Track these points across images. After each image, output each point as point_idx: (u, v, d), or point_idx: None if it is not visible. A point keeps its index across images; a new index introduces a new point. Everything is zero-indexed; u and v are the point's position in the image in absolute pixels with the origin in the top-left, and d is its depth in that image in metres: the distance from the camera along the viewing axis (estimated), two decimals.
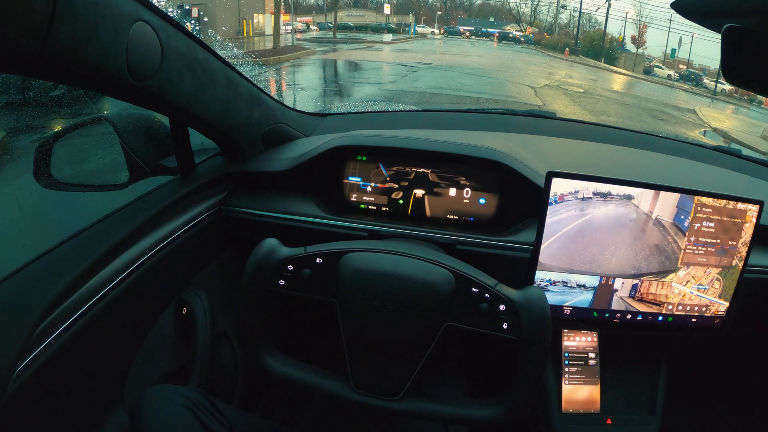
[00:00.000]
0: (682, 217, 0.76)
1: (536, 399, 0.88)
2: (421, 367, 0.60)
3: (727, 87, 16.51)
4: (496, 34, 30.07)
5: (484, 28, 30.81)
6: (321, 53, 14.50)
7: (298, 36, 21.73)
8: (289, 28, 23.03)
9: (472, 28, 30.95)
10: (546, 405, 0.87)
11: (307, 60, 12.68)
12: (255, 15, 19.34)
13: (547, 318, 0.57)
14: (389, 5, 29.29)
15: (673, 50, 22.71)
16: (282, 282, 0.61)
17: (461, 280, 0.59)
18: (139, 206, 0.75)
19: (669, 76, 19.81)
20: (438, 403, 0.61)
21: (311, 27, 26.81)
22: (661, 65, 21.70)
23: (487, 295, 0.59)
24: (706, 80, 18.28)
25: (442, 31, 31.19)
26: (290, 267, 0.61)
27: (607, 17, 25.50)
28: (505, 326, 0.58)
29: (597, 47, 24.74)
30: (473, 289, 0.59)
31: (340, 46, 18.12)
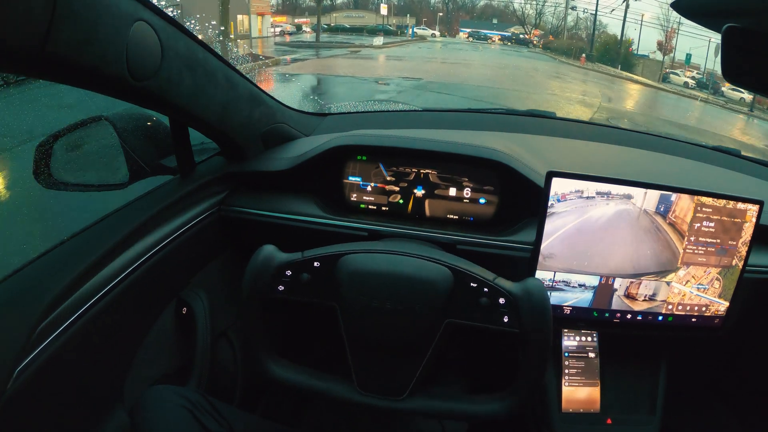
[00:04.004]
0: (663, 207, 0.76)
1: (536, 399, 0.88)
2: (424, 366, 0.60)
3: (747, 96, 15.14)
4: (533, 40, 26.75)
5: (521, 34, 27.89)
6: (284, 64, 11.51)
7: (287, 38, 20.57)
8: (278, 30, 21.92)
9: (509, 34, 27.96)
10: (546, 405, 0.87)
11: (259, 76, 9.23)
12: (239, 16, 18.11)
13: (548, 308, 0.57)
14: (386, 5, 27.81)
15: (688, 55, 20.80)
16: (281, 288, 0.60)
17: (459, 275, 0.59)
18: (139, 206, 0.75)
19: (685, 83, 18.47)
20: (443, 400, 0.60)
21: (305, 29, 25.68)
22: (677, 71, 20.16)
23: (485, 289, 0.59)
24: (724, 87, 16.54)
25: (466, 36, 28.72)
26: (288, 272, 0.60)
27: (624, 19, 23.14)
28: (505, 319, 0.58)
29: (612, 52, 22.57)
30: (471, 284, 0.59)
31: (323, 51, 15.75)
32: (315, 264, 0.61)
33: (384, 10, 27.63)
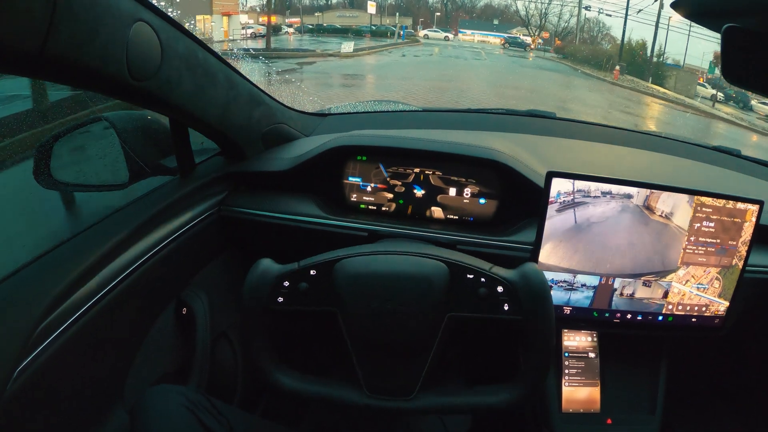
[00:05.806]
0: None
1: (536, 398, 0.88)
2: (430, 362, 0.59)
3: None
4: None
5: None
6: None
7: (259, 42, 17.62)
8: (249, 31, 19.31)
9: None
10: (546, 405, 0.87)
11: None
12: (198, 18, 15.04)
13: (547, 291, 0.57)
14: (373, 4, 25.20)
15: (711, 63, 18.29)
16: (281, 299, 0.60)
17: (455, 268, 0.59)
18: (139, 206, 0.75)
19: (713, 96, 16.33)
20: (452, 395, 0.60)
21: (286, 29, 23.26)
22: (704, 83, 17.10)
23: (483, 279, 0.58)
24: (753, 102, 14.57)
25: (502, 42, 25.05)
26: (286, 283, 0.60)
27: (657, 23, 18.63)
28: (506, 307, 0.58)
29: (642, 62, 18.59)
30: (468, 275, 0.59)
31: (276, 63, 11.44)
32: (311, 272, 0.60)
33: (371, 8, 25.43)
